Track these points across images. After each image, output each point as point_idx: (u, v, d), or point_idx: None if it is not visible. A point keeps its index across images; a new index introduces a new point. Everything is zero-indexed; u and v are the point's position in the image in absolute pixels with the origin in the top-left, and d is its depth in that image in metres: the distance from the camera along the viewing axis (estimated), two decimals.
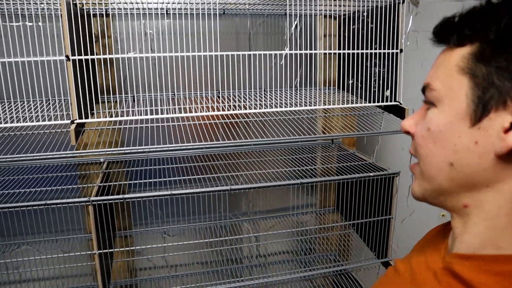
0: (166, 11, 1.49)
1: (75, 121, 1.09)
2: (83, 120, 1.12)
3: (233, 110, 1.36)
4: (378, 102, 1.39)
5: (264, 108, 1.33)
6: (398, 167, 1.47)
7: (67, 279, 1.64)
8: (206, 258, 1.74)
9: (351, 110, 1.62)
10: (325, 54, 1.68)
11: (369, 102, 1.43)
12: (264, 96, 1.52)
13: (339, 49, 1.64)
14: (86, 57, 1.09)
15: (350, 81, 1.57)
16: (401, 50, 1.30)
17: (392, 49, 1.32)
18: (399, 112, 1.34)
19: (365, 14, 1.41)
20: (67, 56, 1.04)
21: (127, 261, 1.63)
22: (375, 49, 1.37)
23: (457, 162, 0.52)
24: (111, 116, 1.27)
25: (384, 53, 1.34)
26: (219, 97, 1.57)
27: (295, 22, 1.64)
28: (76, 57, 1.07)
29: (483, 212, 0.52)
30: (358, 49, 1.44)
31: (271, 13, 1.61)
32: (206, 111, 1.28)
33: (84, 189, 1.47)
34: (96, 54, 1.16)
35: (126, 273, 1.65)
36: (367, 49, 1.40)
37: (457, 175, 0.52)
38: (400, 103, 1.33)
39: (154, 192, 1.19)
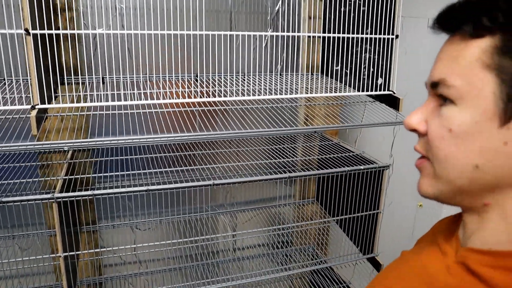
0: None
1: (37, 107, 0.94)
2: (46, 106, 0.97)
3: (212, 97, 1.24)
4: (368, 90, 1.31)
5: (244, 96, 1.22)
6: (378, 156, 1.40)
7: (26, 278, 1.48)
8: (180, 252, 1.62)
9: (335, 98, 1.54)
10: (309, 37, 1.57)
11: (358, 90, 1.35)
12: (244, 82, 1.41)
13: (324, 32, 1.54)
14: (50, 31, 0.94)
15: (337, 67, 1.47)
16: (397, 36, 1.21)
17: (387, 34, 1.23)
18: (392, 102, 1.26)
19: None
20: (26, 30, 0.89)
21: (93, 259, 1.50)
22: (367, 33, 1.27)
23: (484, 164, 0.48)
24: (77, 101, 1.12)
25: (377, 39, 1.25)
26: (196, 80, 1.45)
27: (279, 2, 1.52)
28: (38, 31, 0.92)
29: (503, 210, 0.50)
30: (348, 33, 1.34)
31: None
32: (182, 97, 1.16)
33: (46, 182, 1.32)
34: (60, 29, 1.01)
35: (92, 270, 1.52)
36: (358, 33, 1.30)
37: (482, 177, 0.49)
38: (394, 93, 1.25)
39: (126, 187, 1.06)
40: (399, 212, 2.17)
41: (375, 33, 1.25)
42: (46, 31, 0.94)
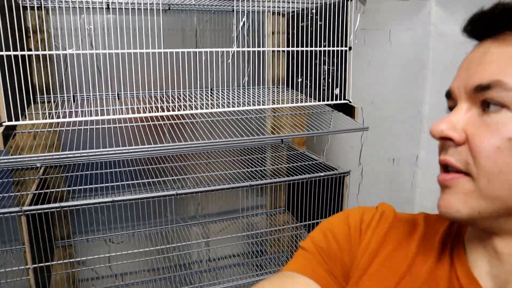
0: (108, 5, 1.40)
1: (4, 124, 0.99)
2: (13, 123, 1.02)
3: (179, 110, 1.29)
4: (328, 100, 1.38)
5: (211, 108, 1.28)
6: (347, 165, 1.47)
7: None
8: (154, 265, 1.66)
9: (301, 109, 1.60)
10: (273, 52, 1.65)
11: (319, 100, 1.42)
12: (211, 96, 1.47)
13: (287, 46, 1.62)
14: (15, 52, 0.99)
15: (299, 80, 1.55)
16: (350, 48, 1.29)
17: (341, 46, 1.31)
18: (348, 110, 1.33)
19: (313, 11, 1.39)
20: None
21: (68, 273, 1.52)
22: (324, 46, 1.35)
23: None
24: (47, 118, 1.17)
25: (333, 51, 1.33)
26: (163, 96, 1.50)
27: (243, 19, 1.60)
28: (4, 53, 0.97)
29: None
30: (307, 46, 1.42)
31: (219, 9, 1.56)
32: (150, 112, 1.21)
33: (18, 197, 1.36)
34: (31, 50, 1.06)
35: (67, 285, 1.55)
36: (316, 46, 1.38)
37: None
38: (350, 102, 1.32)
39: (94, 199, 1.11)
40: None
41: (331, 46, 1.33)
42: (12, 53, 0.99)
